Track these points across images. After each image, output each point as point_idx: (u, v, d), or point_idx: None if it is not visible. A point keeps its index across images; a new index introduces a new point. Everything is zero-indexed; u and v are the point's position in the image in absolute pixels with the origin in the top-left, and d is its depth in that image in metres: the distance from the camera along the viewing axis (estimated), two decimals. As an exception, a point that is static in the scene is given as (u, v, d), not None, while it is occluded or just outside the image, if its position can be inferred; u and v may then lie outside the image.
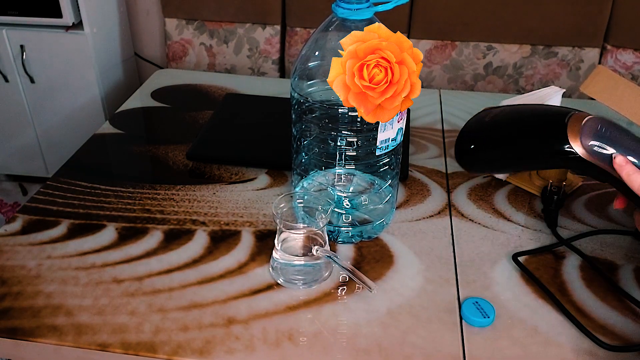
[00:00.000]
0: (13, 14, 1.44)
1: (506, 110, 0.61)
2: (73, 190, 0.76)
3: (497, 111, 0.61)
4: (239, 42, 1.58)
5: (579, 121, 0.53)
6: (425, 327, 0.56)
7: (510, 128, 0.59)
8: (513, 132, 0.59)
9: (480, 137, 0.61)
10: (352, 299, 0.59)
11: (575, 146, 0.52)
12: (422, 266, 0.64)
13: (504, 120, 0.60)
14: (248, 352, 0.53)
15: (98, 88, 1.53)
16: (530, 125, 0.57)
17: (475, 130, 0.62)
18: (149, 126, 0.97)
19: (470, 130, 0.62)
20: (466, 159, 0.63)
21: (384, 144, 0.60)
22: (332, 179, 0.68)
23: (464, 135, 0.63)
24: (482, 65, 1.49)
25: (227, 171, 0.81)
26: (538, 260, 0.65)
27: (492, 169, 0.70)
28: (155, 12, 1.71)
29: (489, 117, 0.61)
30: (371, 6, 0.57)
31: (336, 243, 0.67)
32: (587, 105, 1.04)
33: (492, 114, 0.61)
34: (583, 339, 0.55)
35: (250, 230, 0.69)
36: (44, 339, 0.54)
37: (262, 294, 0.59)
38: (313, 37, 0.60)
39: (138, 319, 0.56)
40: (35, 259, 0.63)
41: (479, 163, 0.63)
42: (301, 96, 0.61)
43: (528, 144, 0.57)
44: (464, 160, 0.63)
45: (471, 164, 0.64)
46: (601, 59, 1.45)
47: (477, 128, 0.62)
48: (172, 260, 0.64)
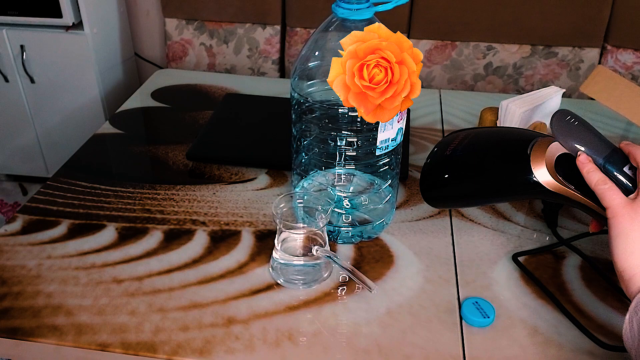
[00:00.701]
0: (13, 14, 1.44)
1: (465, 142, 0.58)
2: (73, 190, 0.76)
3: (457, 142, 0.58)
4: (239, 42, 1.58)
5: (542, 150, 0.51)
6: (425, 327, 0.56)
7: (472, 161, 0.56)
8: (475, 166, 0.56)
9: (442, 173, 0.59)
10: (352, 299, 0.59)
11: (541, 178, 0.50)
12: (422, 266, 0.64)
13: (466, 153, 0.57)
14: (248, 352, 0.53)
15: (98, 88, 1.53)
16: (492, 159, 0.55)
17: (437, 165, 0.59)
18: (149, 126, 0.97)
19: (432, 165, 0.60)
20: (429, 195, 0.61)
21: (384, 144, 0.60)
22: (332, 179, 0.68)
23: (426, 170, 0.60)
24: (482, 65, 1.49)
25: (227, 171, 0.81)
26: (538, 260, 0.65)
27: (458, 204, 0.68)
28: (155, 12, 1.71)
29: (449, 150, 0.58)
30: (371, 6, 0.57)
31: (336, 243, 0.67)
32: (587, 105, 1.04)
33: (453, 144, 0.58)
34: (583, 339, 0.55)
35: (250, 230, 0.69)
36: (44, 339, 0.54)
37: (262, 294, 0.59)
38: (313, 37, 0.60)
39: (138, 319, 0.56)
40: (35, 259, 0.63)
41: (443, 199, 0.61)
42: (301, 96, 0.61)
43: (491, 179, 0.55)
44: (427, 196, 0.61)
45: (436, 200, 0.61)
46: (601, 59, 1.45)
47: (438, 162, 0.59)
48: (172, 260, 0.64)
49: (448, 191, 0.60)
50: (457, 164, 0.57)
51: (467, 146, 0.57)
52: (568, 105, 1.02)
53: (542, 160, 0.51)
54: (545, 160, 0.51)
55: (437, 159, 0.60)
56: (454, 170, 0.58)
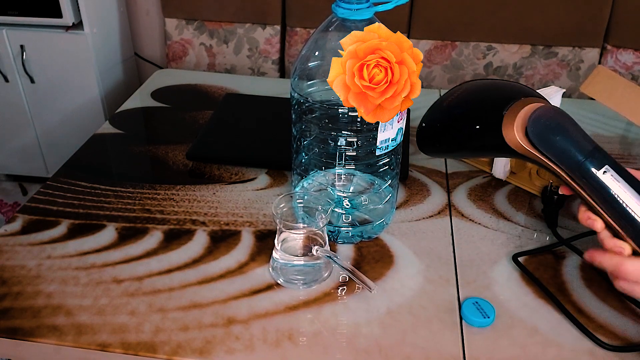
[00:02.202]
0: (13, 14, 1.44)
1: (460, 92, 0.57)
2: (73, 190, 0.76)
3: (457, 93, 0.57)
4: (239, 42, 1.58)
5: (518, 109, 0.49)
6: (425, 327, 0.56)
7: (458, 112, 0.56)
8: (459, 118, 0.56)
9: (434, 119, 0.58)
10: (352, 299, 0.59)
11: (509, 139, 0.49)
12: (422, 266, 0.64)
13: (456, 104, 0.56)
14: (248, 352, 0.53)
15: (98, 88, 1.53)
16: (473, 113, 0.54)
17: (433, 112, 0.59)
18: (149, 126, 0.97)
19: (430, 112, 0.59)
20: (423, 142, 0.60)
21: (384, 144, 0.60)
22: (332, 179, 0.68)
23: (424, 119, 0.60)
24: (482, 65, 1.49)
25: (227, 171, 0.81)
26: (538, 260, 0.65)
27: (446, 154, 0.69)
28: (155, 12, 1.71)
29: (446, 101, 0.57)
30: (371, 6, 0.57)
31: (336, 243, 0.67)
32: (587, 105, 1.04)
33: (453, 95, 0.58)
34: (583, 339, 0.55)
35: (250, 230, 0.69)
36: (44, 339, 0.54)
37: (262, 294, 0.59)
38: (313, 37, 0.60)
39: (138, 319, 0.56)
40: (35, 259, 0.63)
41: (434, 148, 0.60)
42: (301, 96, 0.61)
43: (468, 134, 0.54)
44: (422, 144, 0.60)
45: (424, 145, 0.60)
46: (601, 59, 1.45)
47: (435, 109, 0.59)
48: (172, 260, 0.64)
49: (438, 140, 0.59)
50: (447, 114, 0.57)
51: (459, 97, 0.57)
52: (568, 105, 1.02)
53: (512, 120, 0.49)
54: (516, 121, 0.49)
55: (435, 108, 0.59)
56: (443, 120, 0.57)
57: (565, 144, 0.48)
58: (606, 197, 0.47)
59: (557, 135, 0.48)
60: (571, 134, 0.48)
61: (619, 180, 0.47)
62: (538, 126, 0.48)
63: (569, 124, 0.49)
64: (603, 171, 0.47)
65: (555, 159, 0.48)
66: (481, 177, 0.81)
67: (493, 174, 0.80)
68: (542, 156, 0.48)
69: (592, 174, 0.47)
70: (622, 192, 0.46)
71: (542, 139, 0.48)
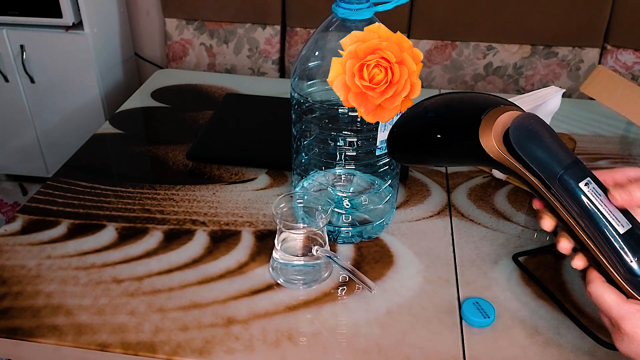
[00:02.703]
0: (13, 14, 1.44)
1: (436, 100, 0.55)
2: (73, 190, 0.76)
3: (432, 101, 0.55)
4: (239, 42, 1.58)
5: (496, 116, 0.48)
6: (425, 327, 0.56)
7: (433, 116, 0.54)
8: (435, 121, 0.54)
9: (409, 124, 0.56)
10: (352, 299, 0.59)
11: (486, 145, 0.48)
12: (421, 266, 0.64)
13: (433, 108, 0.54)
14: (248, 352, 0.53)
15: (98, 88, 1.53)
16: (450, 120, 0.53)
17: (407, 117, 0.56)
18: (149, 126, 0.97)
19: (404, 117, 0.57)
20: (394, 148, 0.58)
21: (384, 144, 0.60)
22: (332, 179, 0.68)
23: (396, 124, 0.57)
24: (482, 65, 1.49)
25: (227, 171, 0.81)
26: (538, 260, 0.65)
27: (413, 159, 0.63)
28: (155, 12, 1.71)
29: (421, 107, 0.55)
30: (371, 6, 0.57)
31: (336, 243, 0.67)
32: (587, 105, 1.04)
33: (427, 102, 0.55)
34: (583, 338, 0.55)
35: (250, 230, 0.69)
36: (44, 339, 0.54)
37: (262, 294, 0.59)
38: (313, 37, 0.60)
39: (138, 319, 0.56)
40: (35, 259, 0.63)
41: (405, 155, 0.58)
42: (301, 96, 0.61)
43: (443, 137, 0.53)
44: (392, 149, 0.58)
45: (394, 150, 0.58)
46: (601, 59, 1.45)
47: (409, 114, 0.56)
48: (172, 260, 0.64)
49: (411, 145, 0.57)
50: (423, 118, 0.55)
51: (436, 103, 0.55)
52: (568, 105, 1.02)
53: (491, 125, 0.48)
54: (494, 127, 0.48)
55: (409, 112, 0.57)
56: (418, 124, 0.55)
57: (546, 152, 0.46)
58: (583, 210, 0.45)
59: (539, 143, 0.47)
60: (552, 144, 0.47)
61: (599, 195, 0.45)
62: (520, 131, 0.47)
63: (550, 134, 0.47)
64: (585, 183, 0.46)
65: (534, 167, 0.47)
66: (481, 177, 0.81)
67: (493, 174, 0.80)
68: (519, 164, 0.47)
69: (572, 185, 0.46)
70: (602, 206, 0.45)
71: (523, 145, 0.47)
